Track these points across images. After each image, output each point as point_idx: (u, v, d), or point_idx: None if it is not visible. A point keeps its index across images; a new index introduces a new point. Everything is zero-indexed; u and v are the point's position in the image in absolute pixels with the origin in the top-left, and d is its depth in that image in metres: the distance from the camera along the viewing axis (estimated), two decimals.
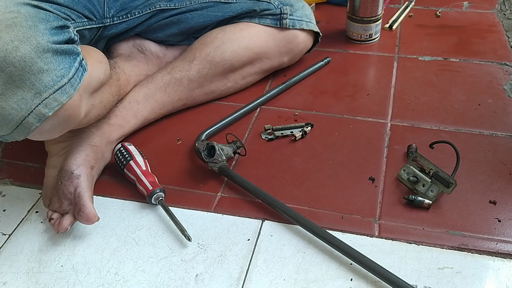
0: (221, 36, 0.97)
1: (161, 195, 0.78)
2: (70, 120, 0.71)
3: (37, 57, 0.65)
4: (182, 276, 0.70)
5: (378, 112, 0.97)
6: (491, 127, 0.92)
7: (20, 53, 0.63)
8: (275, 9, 0.99)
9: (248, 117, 0.98)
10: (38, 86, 0.65)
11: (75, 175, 0.75)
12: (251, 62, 0.99)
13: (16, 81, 0.64)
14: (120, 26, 0.93)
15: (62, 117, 0.69)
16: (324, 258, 0.71)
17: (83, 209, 0.72)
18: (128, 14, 0.93)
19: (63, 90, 0.67)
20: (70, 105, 0.69)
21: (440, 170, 0.77)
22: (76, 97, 0.70)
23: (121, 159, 0.83)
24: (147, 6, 0.94)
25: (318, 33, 1.07)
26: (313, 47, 1.09)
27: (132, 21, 0.94)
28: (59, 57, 0.68)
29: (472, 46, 1.15)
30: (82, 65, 0.71)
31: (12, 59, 0.63)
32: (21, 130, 0.67)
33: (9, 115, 0.65)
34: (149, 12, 0.95)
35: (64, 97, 0.68)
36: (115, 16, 0.91)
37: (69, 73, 0.68)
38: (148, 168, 0.82)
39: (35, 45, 0.65)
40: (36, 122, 0.67)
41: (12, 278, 0.71)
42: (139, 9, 0.94)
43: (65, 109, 0.69)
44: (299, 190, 0.81)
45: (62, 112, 0.68)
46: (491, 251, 0.70)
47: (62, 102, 0.68)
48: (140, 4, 0.94)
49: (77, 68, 0.70)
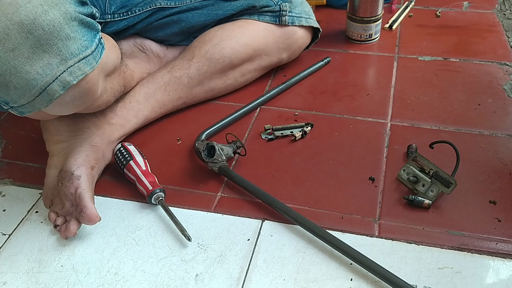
0: (220, 33, 0.97)
1: (161, 195, 0.78)
2: (89, 95, 0.71)
3: (65, 23, 0.64)
4: (182, 276, 0.70)
5: (378, 112, 0.97)
6: (491, 127, 0.92)
7: (49, 17, 0.63)
8: (274, 6, 0.99)
9: (248, 117, 0.98)
10: (65, 53, 0.65)
11: (76, 175, 0.75)
12: (250, 58, 0.99)
13: (43, 45, 0.63)
14: (121, 23, 0.93)
15: (83, 89, 0.69)
16: (324, 258, 0.71)
17: (85, 210, 0.72)
18: (129, 12, 0.93)
19: (87, 60, 0.68)
20: (91, 78, 0.69)
21: (440, 170, 0.77)
22: (96, 72, 0.70)
23: (121, 159, 0.83)
24: (147, 3, 0.95)
25: (318, 29, 1.07)
26: (313, 43, 1.09)
27: (132, 18, 0.94)
28: (84, 28, 0.68)
29: (472, 46, 1.15)
30: (101, 43, 0.71)
31: (42, 22, 0.62)
32: (44, 97, 0.66)
33: (34, 80, 0.64)
34: (149, 9, 0.95)
35: (88, 67, 0.68)
36: (115, 13, 0.92)
37: (92, 46, 0.69)
38: (148, 168, 0.82)
39: (64, 11, 0.64)
40: (60, 90, 0.66)
41: (12, 278, 0.71)
42: (140, 7, 0.94)
43: (87, 81, 0.69)
44: (299, 190, 0.81)
45: (84, 84, 0.68)
46: (491, 251, 0.70)
47: (86, 72, 0.68)
48: (140, 2, 0.94)
49: (97, 44, 0.70)
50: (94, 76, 0.70)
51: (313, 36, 1.08)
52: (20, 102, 0.66)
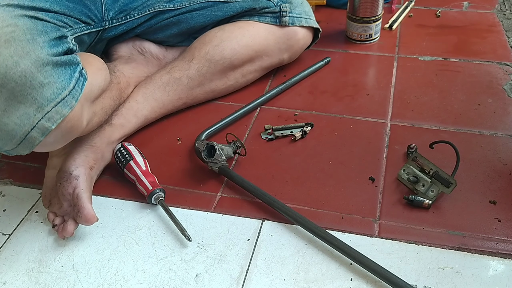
0: (220, 34, 0.97)
1: (161, 195, 0.78)
2: (73, 131, 0.71)
3: (37, 71, 0.64)
4: (182, 276, 0.70)
5: (378, 112, 0.97)
6: (491, 127, 0.92)
7: (21, 68, 0.63)
8: (274, 6, 0.99)
9: (248, 117, 0.98)
10: (40, 100, 0.65)
11: (74, 175, 0.75)
12: (250, 59, 0.99)
13: (17, 97, 0.64)
14: (120, 28, 0.93)
15: (65, 129, 0.69)
16: (324, 258, 0.71)
17: (82, 210, 0.72)
18: (128, 16, 0.93)
19: (65, 102, 0.67)
20: (72, 116, 0.69)
21: (440, 170, 0.77)
22: (77, 108, 0.69)
23: (121, 159, 0.83)
24: (146, 7, 0.94)
25: (318, 29, 1.07)
26: (313, 43, 1.09)
27: (131, 22, 0.94)
28: (59, 69, 0.67)
29: (472, 46, 1.15)
30: (82, 75, 0.71)
31: (13, 75, 0.63)
32: (25, 145, 0.67)
33: (13, 130, 0.65)
34: (148, 13, 0.94)
35: (66, 109, 0.67)
36: (114, 18, 0.91)
37: (70, 85, 0.68)
38: (148, 168, 0.82)
39: (35, 59, 0.64)
40: (40, 136, 0.67)
41: (12, 278, 0.71)
42: (138, 11, 0.94)
43: (68, 121, 0.68)
44: (299, 190, 0.81)
45: (64, 124, 0.68)
46: (491, 251, 0.70)
47: (64, 115, 0.67)
48: (139, 6, 0.93)
49: (78, 78, 0.70)
50: (75, 114, 0.69)
51: (313, 36, 1.08)
52: (6, 148, 0.67)
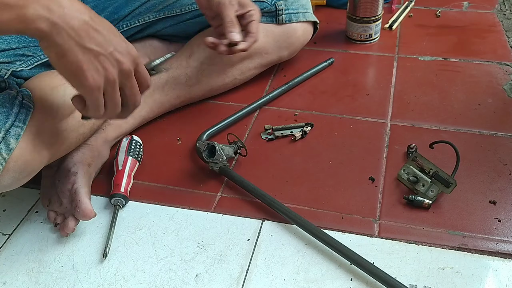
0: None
1: (120, 201, 0.78)
2: (29, 166, 0.66)
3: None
4: (182, 276, 0.70)
5: (378, 112, 0.97)
6: (491, 127, 0.92)
7: None
8: (269, 6, 0.97)
9: (248, 117, 0.98)
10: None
11: (72, 172, 0.75)
12: (250, 57, 0.98)
13: None
14: None
15: (17, 168, 0.64)
16: (324, 258, 0.71)
17: (79, 204, 0.72)
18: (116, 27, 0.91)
19: (3, 145, 0.62)
20: (20, 154, 0.64)
21: (440, 170, 0.77)
22: (24, 143, 0.64)
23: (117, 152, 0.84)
24: (134, 17, 0.91)
25: (316, 21, 1.05)
26: (312, 36, 1.07)
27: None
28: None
29: (472, 46, 1.15)
30: (24, 105, 0.65)
31: None
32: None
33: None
34: (138, 25, 0.92)
35: (6, 152, 0.63)
36: None
37: (6, 125, 0.63)
38: (126, 168, 0.81)
39: None
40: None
41: (12, 278, 0.71)
42: (127, 21, 0.91)
43: (16, 160, 0.64)
44: (299, 190, 0.81)
45: (13, 165, 0.63)
46: (491, 251, 0.70)
47: (6, 158, 0.63)
48: (126, 15, 0.90)
49: (17, 112, 0.65)
50: (22, 151, 0.64)
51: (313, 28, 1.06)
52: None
